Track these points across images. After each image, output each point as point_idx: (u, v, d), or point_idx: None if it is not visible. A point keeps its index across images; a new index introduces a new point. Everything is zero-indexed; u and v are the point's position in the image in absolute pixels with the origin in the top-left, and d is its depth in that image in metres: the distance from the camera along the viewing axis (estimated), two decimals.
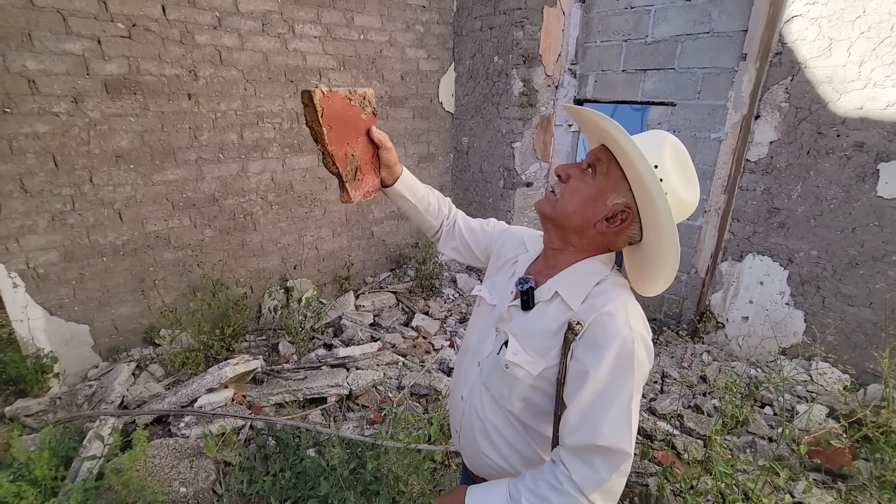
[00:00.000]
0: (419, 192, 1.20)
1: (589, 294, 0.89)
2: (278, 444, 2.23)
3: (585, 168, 0.93)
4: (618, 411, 0.80)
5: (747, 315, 3.19)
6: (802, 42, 2.66)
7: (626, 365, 0.81)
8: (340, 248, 4.14)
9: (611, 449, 0.79)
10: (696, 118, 3.28)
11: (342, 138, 1.02)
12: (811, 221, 2.81)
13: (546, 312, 0.93)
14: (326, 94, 0.96)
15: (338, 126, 1.00)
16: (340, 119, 1.00)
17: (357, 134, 1.06)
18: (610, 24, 3.66)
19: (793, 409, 2.65)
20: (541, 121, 4.11)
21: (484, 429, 1.01)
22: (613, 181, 0.88)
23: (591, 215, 0.90)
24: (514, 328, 0.96)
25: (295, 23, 3.37)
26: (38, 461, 1.76)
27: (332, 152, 1.00)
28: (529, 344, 0.92)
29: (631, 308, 0.86)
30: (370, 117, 1.08)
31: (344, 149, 1.03)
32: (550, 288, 0.94)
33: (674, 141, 0.87)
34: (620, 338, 0.80)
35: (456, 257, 1.30)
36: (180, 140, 3.05)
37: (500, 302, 1.05)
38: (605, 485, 0.79)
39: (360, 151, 1.08)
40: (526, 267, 1.05)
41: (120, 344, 3.11)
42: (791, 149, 2.81)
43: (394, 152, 1.13)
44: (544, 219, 0.97)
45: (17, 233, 2.61)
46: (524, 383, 0.92)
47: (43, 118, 2.56)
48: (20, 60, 2.44)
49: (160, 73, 2.88)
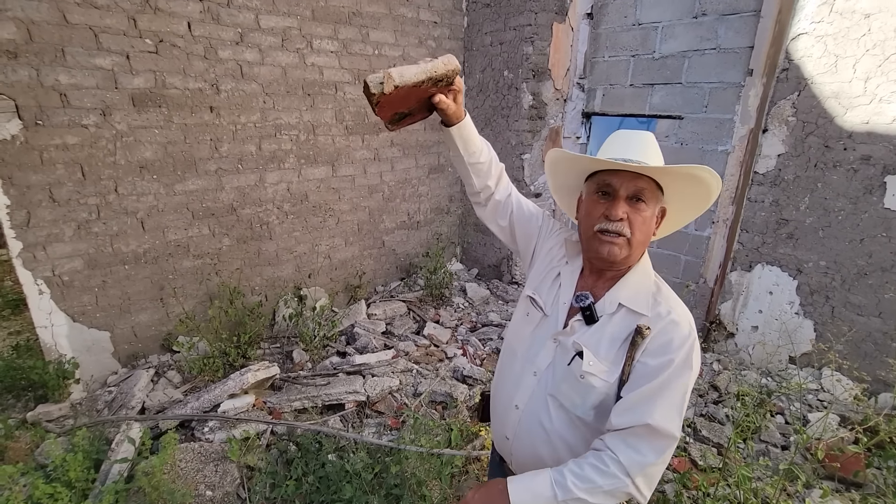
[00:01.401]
0: (472, 145, 1.14)
1: (651, 300, 0.98)
2: (299, 449, 2.27)
3: (631, 198, 0.98)
4: (670, 399, 0.88)
5: (757, 324, 3.23)
6: (809, 59, 2.74)
7: (685, 363, 0.90)
8: (353, 257, 4.20)
9: (659, 430, 0.86)
10: (703, 131, 3.35)
11: (395, 107, 0.99)
12: (819, 232, 2.87)
13: (613, 322, 1.00)
14: (389, 92, 0.89)
15: (392, 104, 0.96)
16: (400, 99, 0.95)
17: (415, 100, 1.00)
18: (618, 40, 3.76)
19: (805, 417, 2.68)
20: (550, 133, 4.19)
21: (548, 439, 1.05)
22: (657, 195, 1.01)
23: (651, 229, 1.02)
24: (584, 340, 1.01)
25: (313, 38, 3.47)
26: (72, 463, 1.80)
27: (378, 114, 0.99)
28: (602, 354, 0.98)
29: (688, 313, 0.97)
30: (442, 88, 1.00)
31: (395, 111, 1.00)
32: (612, 300, 1.01)
33: (638, 133, 1.01)
34: (685, 342, 0.91)
35: (498, 233, 1.28)
36: (201, 151, 3.13)
37: (553, 313, 1.08)
38: (649, 468, 0.86)
39: (415, 107, 1.03)
40: (573, 282, 1.09)
41: (139, 351, 3.16)
42: (799, 161, 2.88)
43: (455, 113, 1.07)
44: (614, 263, 1.01)
45: (45, 241, 2.67)
46: (600, 391, 0.97)
47: (73, 130, 2.65)
48: (53, 75, 2.53)
49: (184, 87, 2.97)
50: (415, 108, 1.03)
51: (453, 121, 1.08)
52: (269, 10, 3.22)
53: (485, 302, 4.32)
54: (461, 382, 2.99)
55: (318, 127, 3.68)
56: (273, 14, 3.25)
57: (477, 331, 3.79)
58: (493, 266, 4.72)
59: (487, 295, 4.41)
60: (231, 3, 3.05)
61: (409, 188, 4.45)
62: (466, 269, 5.00)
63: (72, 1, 2.52)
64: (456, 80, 1.02)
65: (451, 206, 4.88)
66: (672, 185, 0.99)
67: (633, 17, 3.62)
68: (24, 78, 2.46)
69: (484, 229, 4.72)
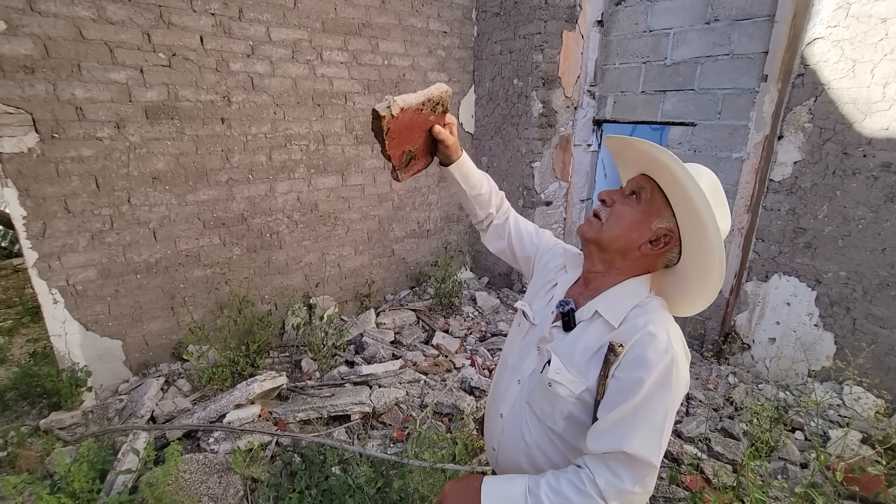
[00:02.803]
0: (472, 179, 1.19)
1: (629, 314, 0.92)
2: (304, 461, 2.26)
3: (629, 194, 0.97)
4: (650, 425, 0.82)
5: (774, 336, 3.13)
6: (825, 64, 2.67)
7: (664, 383, 0.83)
8: (362, 265, 4.20)
9: (637, 458, 0.81)
10: (716, 138, 3.29)
11: (403, 141, 1.02)
12: (839, 242, 2.77)
13: (587, 331, 0.96)
14: (396, 115, 0.94)
15: (401, 134, 1.00)
16: (406, 128, 1.00)
17: (420, 133, 1.06)
18: (629, 47, 3.72)
19: (825, 434, 2.58)
20: (560, 141, 4.16)
21: (529, 451, 1.02)
22: (658, 207, 0.93)
23: (635, 238, 0.94)
24: (556, 347, 0.99)
25: (323, 50, 3.51)
26: (77, 474, 1.82)
27: (389, 154, 1.01)
28: (571, 362, 0.95)
29: (672, 329, 0.89)
30: (440, 115, 1.07)
31: (403, 148, 1.03)
32: (591, 308, 0.97)
33: (709, 173, 0.92)
34: (662, 357, 0.83)
35: (500, 255, 1.31)
36: (213, 162, 3.18)
37: (541, 322, 1.07)
38: (627, 496, 0.81)
39: (419, 146, 1.07)
40: (565, 290, 1.08)
41: (150, 359, 3.20)
42: (816, 169, 2.80)
43: (454, 146, 1.12)
44: (588, 242, 1.00)
45: (60, 251, 2.73)
46: (567, 401, 0.94)
47: (87, 142, 2.71)
48: (69, 89, 2.60)
49: (196, 99, 3.02)
50: (419, 147, 1.08)
51: (452, 157, 1.13)
52: (279, 22, 3.26)
53: (494, 311, 4.28)
54: (468, 394, 2.95)
55: (328, 137, 3.71)
56: (284, 27, 3.29)
57: (486, 340, 3.75)
58: (503, 275, 4.68)
59: (497, 304, 4.37)
60: (242, 17, 3.10)
61: (418, 197, 4.45)
62: (477, 277, 4.97)
63: (88, 17, 2.59)
64: (448, 116, 1.09)
65: (461, 214, 4.87)
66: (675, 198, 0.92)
67: (643, 24, 3.59)
68: (41, 92, 2.53)
69: None
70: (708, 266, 0.89)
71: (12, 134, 2.48)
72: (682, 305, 0.99)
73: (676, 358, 0.84)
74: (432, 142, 1.11)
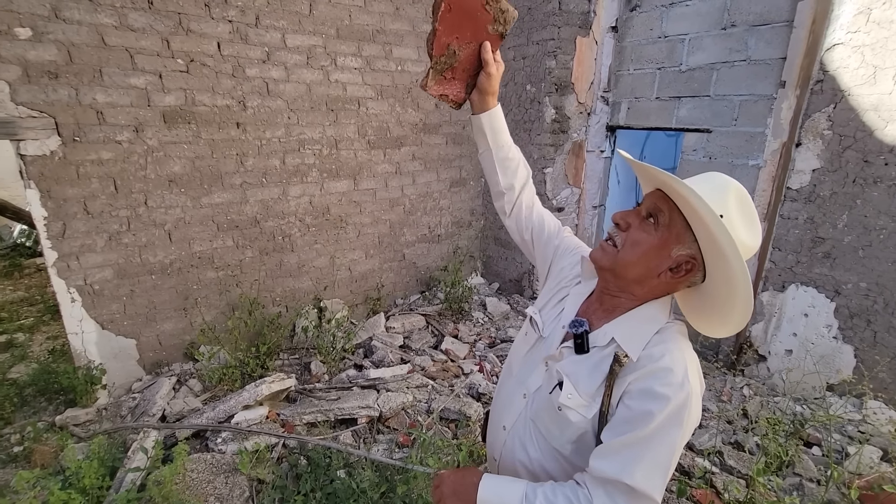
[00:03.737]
0: (502, 139, 1.12)
1: (648, 344, 0.86)
2: (310, 464, 2.27)
3: (645, 217, 0.90)
4: (655, 459, 0.79)
5: (791, 348, 3.05)
6: (845, 70, 2.61)
7: (675, 419, 0.79)
8: (372, 269, 4.22)
9: (638, 491, 0.78)
10: (733, 145, 3.23)
11: (455, 28, 0.95)
12: (859, 252, 2.70)
13: (601, 357, 0.90)
14: None
15: (458, 14, 0.93)
16: (465, 11, 0.94)
17: (472, 37, 0.99)
18: (643, 53, 3.69)
19: (843, 450, 2.49)
20: (573, 147, 4.14)
21: (531, 467, 0.99)
22: (677, 232, 0.86)
23: (654, 266, 0.87)
24: (567, 369, 0.93)
25: (337, 56, 3.55)
26: (87, 470, 1.85)
27: (437, 30, 0.94)
28: (583, 387, 0.90)
29: (690, 360, 0.84)
30: (496, 35, 1.00)
31: (450, 38, 0.96)
32: (607, 334, 0.91)
33: (737, 187, 0.84)
34: (676, 394, 0.79)
35: (519, 244, 1.25)
36: (228, 166, 3.23)
37: (550, 335, 1.03)
38: None
39: (464, 56, 1.00)
40: (578, 304, 1.02)
41: (163, 359, 3.25)
42: (836, 177, 2.73)
43: (495, 81, 1.05)
44: (602, 270, 0.94)
45: (79, 251, 2.80)
46: (578, 426, 0.90)
47: (107, 146, 2.78)
48: (91, 94, 2.67)
49: (213, 104, 3.08)
50: (463, 56, 1.00)
51: (489, 100, 1.07)
52: (295, 29, 3.32)
53: (504, 317, 4.26)
54: (476, 400, 2.94)
55: (341, 141, 3.74)
56: (299, 33, 3.34)
57: (495, 346, 3.72)
58: (514, 281, 4.66)
59: (507, 310, 4.34)
60: (259, 24, 3.16)
61: (430, 201, 4.46)
62: (487, 283, 4.95)
63: (110, 24, 2.67)
64: (489, 59, 1.01)
65: (472, 219, 4.86)
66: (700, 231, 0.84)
67: (658, 30, 3.55)
68: (64, 97, 2.61)
69: (506, 243, 4.68)
70: (732, 297, 0.84)
71: (36, 137, 2.56)
72: (708, 326, 0.93)
73: (691, 395, 0.80)
74: (476, 66, 1.03)
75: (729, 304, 0.86)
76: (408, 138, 4.13)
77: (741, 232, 0.82)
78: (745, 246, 0.83)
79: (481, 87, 1.06)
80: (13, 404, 2.85)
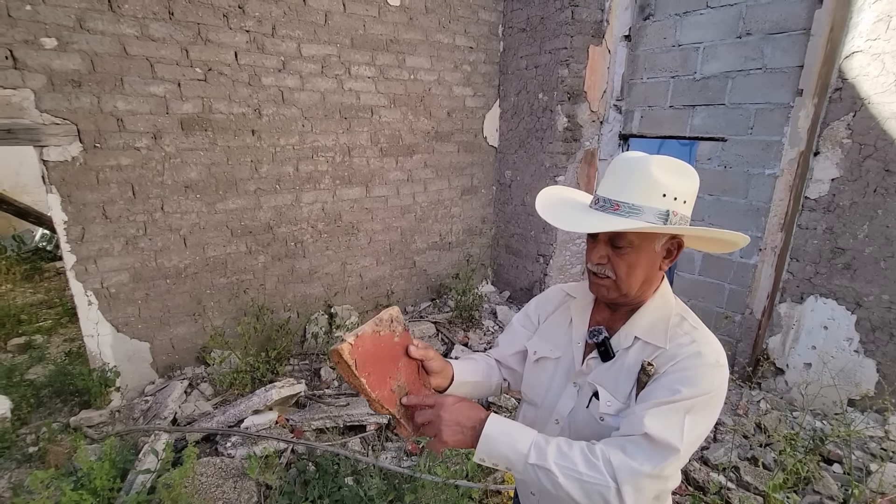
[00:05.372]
0: (474, 375, 1.12)
1: (670, 331, 0.91)
2: (318, 470, 2.26)
3: (618, 247, 0.90)
4: (675, 416, 0.80)
5: (810, 361, 2.97)
6: (865, 78, 2.57)
7: (713, 399, 0.84)
8: (383, 276, 4.23)
9: (656, 439, 0.78)
10: (748, 154, 3.19)
11: (383, 375, 0.93)
12: (881, 263, 2.63)
13: (629, 356, 0.93)
14: (354, 343, 0.88)
15: (375, 367, 0.91)
16: (375, 358, 0.92)
17: (395, 360, 0.97)
18: (657, 62, 3.68)
19: (865, 467, 2.41)
20: (585, 155, 4.12)
21: None
22: (654, 237, 0.90)
23: (652, 268, 0.93)
24: (599, 379, 0.94)
25: (351, 65, 3.60)
26: (98, 471, 1.87)
27: (376, 398, 0.90)
28: (620, 391, 0.91)
29: (714, 344, 0.89)
30: (403, 335, 1.00)
31: (387, 384, 0.93)
32: (628, 334, 0.94)
33: (648, 161, 0.88)
34: (711, 374, 0.84)
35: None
36: (242, 172, 3.28)
37: (565, 354, 1.02)
38: (642, 479, 0.76)
39: (405, 374, 0.98)
40: (586, 318, 1.03)
41: (175, 362, 3.29)
42: (856, 186, 2.67)
43: (438, 357, 1.05)
44: (611, 301, 0.97)
45: (96, 255, 2.85)
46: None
47: (126, 152, 2.84)
48: (112, 102, 2.74)
49: (229, 112, 3.14)
50: (407, 381, 0.98)
51: (445, 377, 1.06)
52: (310, 39, 3.37)
53: None
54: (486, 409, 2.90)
55: (354, 149, 3.78)
56: (314, 43, 3.40)
57: None
58: (525, 289, 4.63)
59: None
60: (275, 34, 3.22)
61: (441, 209, 4.47)
62: (498, 291, 4.93)
63: (132, 34, 2.74)
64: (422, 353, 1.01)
65: (483, 227, 4.86)
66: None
67: (672, 39, 3.54)
68: (86, 105, 2.68)
69: (517, 252, 4.66)
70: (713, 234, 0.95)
71: (58, 144, 2.63)
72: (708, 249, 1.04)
73: (722, 371, 0.85)
74: (418, 367, 1.02)
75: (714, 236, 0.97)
76: (420, 146, 4.15)
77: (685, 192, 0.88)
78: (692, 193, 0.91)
79: (433, 371, 1.03)
80: (30, 405, 2.90)
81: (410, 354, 1.00)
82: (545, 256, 4.30)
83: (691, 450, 0.82)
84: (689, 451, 0.81)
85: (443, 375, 1.05)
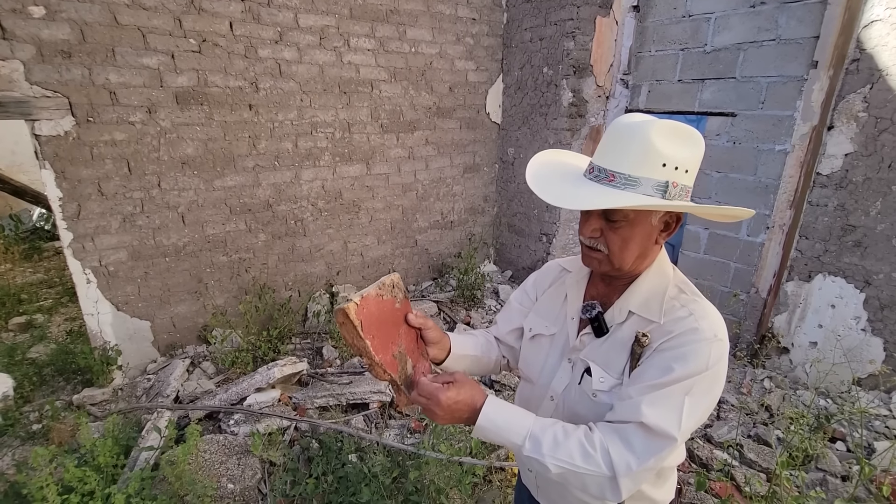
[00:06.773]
0: (473, 350, 1.12)
1: (666, 304, 0.86)
2: (321, 447, 2.26)
3: (611, 221, 0.86)
4: (672, 401, 0.78)
5: (816, 340, 2.95)
6: (884, 48, 2.47)
7: (712, 378, 0.80)
8: (384, 255, 4.19)
9: (653, 429, 0.76)
10: (759, 129, 3.10)
11: (385, 340, 0.93)
12: (893, 241, 2.58)
13: (623, 331, 0.90)
14: (360, 303, 0.88)
15: (378, 331, 0.91)
16: (378, 321, 0.92)
17: (397, 326, 0.98)
18: (666, 33, 3.56)
19: (870, 446, 2.41)
20: (590, 132, 4.03)
21: None
22: (651, 210, 0.83)
23: (648, 241, 0.87)
24: (591, 355, 0.92)
25: (350, 37, 3.48)
26: (102, 448, 1.86)
27: (380, 361, 0.90)
28: (612, 367, 0.89)
29: (712, 316, 0.84)
30: (403, 302, 1.01)
31: (390, 350, 0.93)
32: (622, 308, 0.91)
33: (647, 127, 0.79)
34: (707, 349, 0.80)
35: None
36: (240, 148, 3.21)
37: (560, 330, 1.00)
38: (639, 471, 0.76)
39: (406, 342, 0.98)
40: (580, 292, 1.00)
41: (177, 341, 3.27)
42: (870, 162, 2.60)
43: (436, 327, 1.05)
44: (605, 274, 0.93)
45: (93, 232, 2.81)
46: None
47: (120, 127, 2.76)
48: (104, 74, 2.65)
49: (225, 85, 3.05)
50: (407, 348, 0.98)
51: (443, 348, 1.06)
52: (308, 8, 3.25)
53: None
54: (488, 387, 2.90)
55: (354, 125, 3.69)
56: (312, 13, 3.28)
57: None
58: (527, 268, 4.59)
59: None
60: (271, 3, 3.11)
61: (443, 187, 4.40)
62: (500, 270, 4.89)
63: (122, 2, 2.63)
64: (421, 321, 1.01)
65: (485, 206, 4.79)
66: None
67: (682, 9, 3.41)
68: (77, 77, 2.59)
69: (519, 230, 4.61)
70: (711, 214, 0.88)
71: (50, 117, 2.56)
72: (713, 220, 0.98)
73: (721, 346, 0.81)
74: (417, 336, 1.03)
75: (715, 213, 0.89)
76: (421, 122, 4.06)
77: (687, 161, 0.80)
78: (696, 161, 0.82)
79: (431, 340, 1.04)
80: (32, 383, 2.89)
81: (409, 322, 1.00)
82: (548, 235, 4.25)
83: (690, 432, 0.81)
84: (689, 433, 0.80)
85: (440, 346, 1.06)
